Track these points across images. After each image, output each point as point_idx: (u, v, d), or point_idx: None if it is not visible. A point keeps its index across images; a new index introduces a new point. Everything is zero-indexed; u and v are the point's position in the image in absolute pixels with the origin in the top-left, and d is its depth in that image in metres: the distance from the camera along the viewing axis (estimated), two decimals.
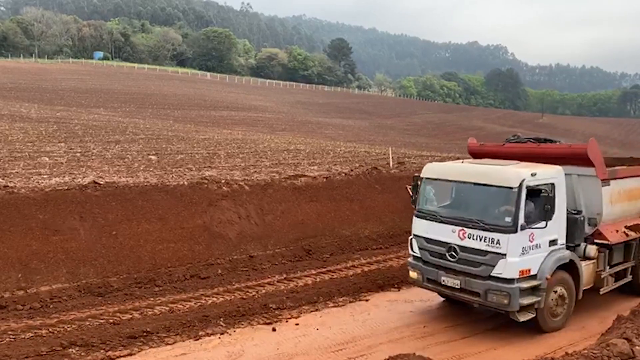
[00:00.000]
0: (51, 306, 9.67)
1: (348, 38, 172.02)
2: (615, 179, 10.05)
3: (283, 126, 50.38)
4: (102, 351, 8.21)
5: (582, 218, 9.67)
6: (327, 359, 8.22)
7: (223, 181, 14.48)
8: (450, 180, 9.68)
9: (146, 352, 8.34)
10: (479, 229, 8.84)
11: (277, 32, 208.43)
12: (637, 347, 6.14)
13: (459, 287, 9.10)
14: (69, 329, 8.84)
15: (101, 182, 12.89)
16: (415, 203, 10.02)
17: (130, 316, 9.52)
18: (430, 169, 10.02)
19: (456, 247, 9.11)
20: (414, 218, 9.95)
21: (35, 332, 8.62)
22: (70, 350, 8.16)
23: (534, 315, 8.91)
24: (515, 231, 8.56)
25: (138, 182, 13.54)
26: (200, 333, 8.87)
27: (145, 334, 8.77)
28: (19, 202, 11.08)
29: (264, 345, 8.55)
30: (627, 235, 10.36)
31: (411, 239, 9.98)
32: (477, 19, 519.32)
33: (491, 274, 8.70)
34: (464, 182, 9.45)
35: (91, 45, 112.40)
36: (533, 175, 8.79)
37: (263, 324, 9.36)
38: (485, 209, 9.15)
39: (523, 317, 8.82)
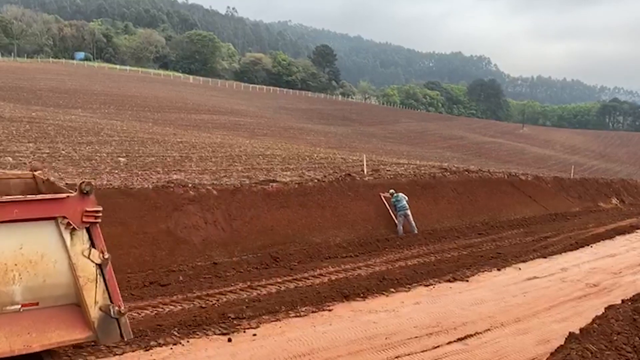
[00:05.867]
0: None
1: (333, 45, 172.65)
2: None
3: (264, 131, 49.98)
4: None
5: None
6: None
7: (190, 185, 14.12)
8: None
9: None
10: None
11: (262, 37, 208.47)
12: None
13: None
14: None
15: None
16: None
17: None
18: None
19: None
20: None
21: None
22: None
23: None
24: None
25: (100, 184, 13.11)
26: (151, 343, 8.46)
27: (92, 343, 8.36)
28: None
29: (217, 356, 8.19)
30: None
31: None
32: (462, 30, 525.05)
33: None
34: None
35: (72, 46, 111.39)
36: None
37: (219, 334, 8.97)
38: None
39: None
